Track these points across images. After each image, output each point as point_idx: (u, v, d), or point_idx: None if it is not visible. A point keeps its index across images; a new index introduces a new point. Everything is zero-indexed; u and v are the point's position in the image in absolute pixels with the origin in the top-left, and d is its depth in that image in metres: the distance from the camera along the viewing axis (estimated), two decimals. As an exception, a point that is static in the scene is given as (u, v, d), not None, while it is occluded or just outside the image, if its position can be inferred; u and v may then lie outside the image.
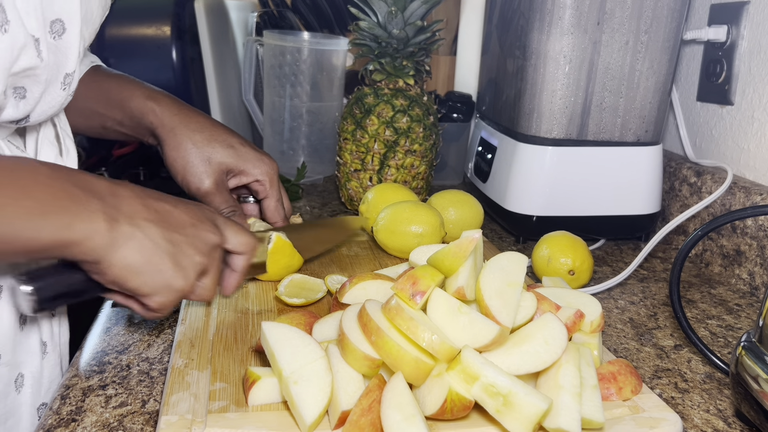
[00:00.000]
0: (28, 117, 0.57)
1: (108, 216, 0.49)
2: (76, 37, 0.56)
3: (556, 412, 0.46)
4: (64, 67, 0.57)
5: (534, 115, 0.92)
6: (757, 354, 0.51)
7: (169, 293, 0.53)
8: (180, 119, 0.72)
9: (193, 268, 0.54)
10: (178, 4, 1.13)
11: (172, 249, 0.52)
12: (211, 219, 0.58)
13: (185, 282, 0.54)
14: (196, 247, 0.54)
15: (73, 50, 0.57)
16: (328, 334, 0.55)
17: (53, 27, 0.54)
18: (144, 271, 0.51)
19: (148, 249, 0.51)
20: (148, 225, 0.51)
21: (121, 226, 0.50)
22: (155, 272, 0.52)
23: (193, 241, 0.54)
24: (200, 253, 0.55)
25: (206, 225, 0.56)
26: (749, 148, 0.91)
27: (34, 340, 0.61)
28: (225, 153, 0.73)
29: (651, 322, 0.73)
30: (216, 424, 0.47)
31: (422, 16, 0.93)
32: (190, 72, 1.14)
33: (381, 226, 0.80)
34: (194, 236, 0.55)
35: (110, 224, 0.49)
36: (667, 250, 0.97)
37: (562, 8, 0.87)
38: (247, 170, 0.75)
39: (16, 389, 0.61)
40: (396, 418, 0.45)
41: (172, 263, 0.52)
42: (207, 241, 0.56)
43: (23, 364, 0.61)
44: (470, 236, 0.53)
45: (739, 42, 0.92)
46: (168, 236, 0.52)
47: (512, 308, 0.51)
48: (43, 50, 0.53)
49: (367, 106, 0.96)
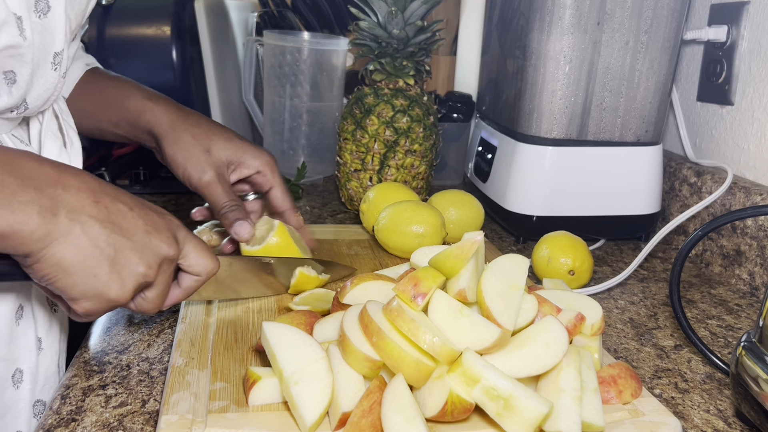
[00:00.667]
0: (25, 103, 0.56)
1: (43, 208, 0.45)
2: (62, 15, 0.55)
3: (557, 415, 0.46)
4: (51, 47, 0.55)
5: (534, 115, 0.92)
6: (757, 354, 0.51)
7: (100, 302, 0.49)
8: (178, 116, 0.72)
9: (133, 278, 0.49)
10: (178, 4, 1.13)
11: (112, 253, 0.48)
12: (172, 230, 0.53)
13: (120, 293, 0.49)
14: (142, 256, 0.49)
15: (59, 28, 0.55)
16: (328, 335, 0.55)
17: (38, 6, 0.53)
18: (75, 273, 0.47)
19: (84, 249, 0.46)
20: (92, 223, 0.47)
21: (59, 220, 0.45)
22: (88, 276, 0.47)
23: (140, 249, 0.49)
24: (145, 264, 0.50)
25: (162, 235, 0.51)
26: (749, 148, 0.91)
27: (30, 335, 0.61)
28: (224, 145, 0.72)
29: (651, 322, 0.74)
30: (216, 424, 0.47)
31: (422, 16, 0.93)
32: (190, 72, 1.14)
33: (382, 226, 0.80)
34: (144, 244, 0.50)
35: (45, 217, 0.45)
36: (667, 250, 0.98)
37: (562, 8, 0.87)
38: (246, 161, 0.73)
39: (14, 385, 0.60)
40: (396, 419, 0.45)
41: (109, 269, 0.48)
42: (157, 252, 0.50)
43: (20, 360, 0.60)
44: (472, 238, 0.53)
45: (739, 42, 0.92)
46: (112, 239, 0.48)
47: (513, 311, 0.51)
48: (27, 29, 0.51)
49: (367, 106, 0.96)
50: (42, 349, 0.63)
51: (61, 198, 0.46)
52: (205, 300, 0.66)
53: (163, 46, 1.09)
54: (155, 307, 0.53)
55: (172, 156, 0.71)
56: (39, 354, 0.62)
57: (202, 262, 0.55)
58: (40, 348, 0.63)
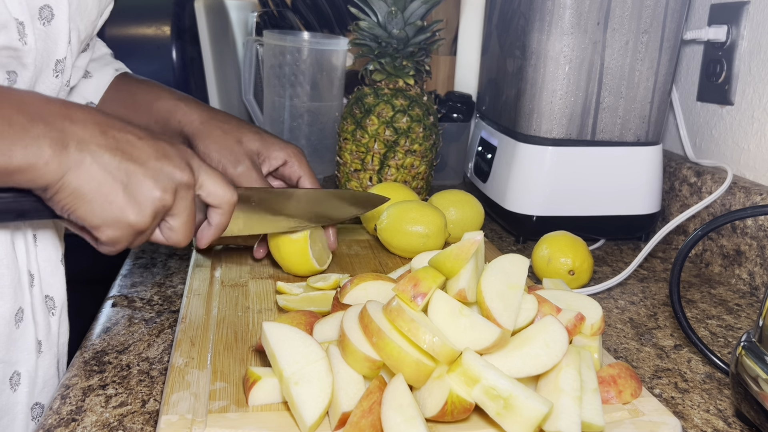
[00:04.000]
0: None
1: (54, 141, 0.47)
2: (65, 23, 0.56)
3: (557, 415, 0.46)
4: (54, 54, 0.57)
5: (534, 115, 0.92)
6: (757, 354, 0.51)
7: (121, 227, 0.50)
8: (208, 114, 0.74)
9: (150, 203, 0.50)
10: (178, 4, 1.13)
11: (125, 179, 0.49)
12: (185, 158, 0.54)
13: (139, 217, 0.50)
14: (156, 181, 0.50)
15: (62, 37, 0.56)
16: (328, 335, 0.55)
17: (42, 13, 0.54)
18: (92, 200, 0.48)
19: (97, 176, 0.48)
20: (101, 152, 0.48)
21: (69, 152, 0.47)
22: (105, 203, 0.49)
23: (154, 174, 0.50)
24: (160, 188, 0.51)
25: (175, 161, 0.52)
26: (749, 148, 0.91)
27: (30, 338, 0.61)
28: (253, 137, 0.74)
29: (651, 322, 0.74)
30: (216, 424, 0.47)
31: (422, 16, 0.93)
32: (190, 72, 1.14)
33: (385, 225, 0.80)
34: (157, 170, 0.51)
35: (57, 150, 0.46)
36: (667, 250, 0.98)
37: (562, 8, 0.87)
38: (274, 153, 0.74)
39: (11, 387, 0.60)
40: (396, 419, 0.45)
41: (124, 194, 0.49)
42: (171, 177, 0.51)
43: (19, 363, 0.61)
44: (472, 238, 0.53)
45: (739, 42, 0.92)
46: (123, 166, 0.49)
47: (513, 311, 0.51)
48: (29, 34, 0.53)
49: (367, 106, 0.96)
50: (42, 352, 0.63)
51: (70, 130, 0.48)
52: (239, 236, 0.67)
53: (163, 46, 1.09)
54: (184, 237, 0.54)
55: (205, 151, 0.72)
56: (38, 357, 0.62)
57: (219, 191, 0.56)
58: (40, 351, 0.62)
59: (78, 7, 0.58)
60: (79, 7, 0.59)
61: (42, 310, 0.62)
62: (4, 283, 0.58)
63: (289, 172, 0.76)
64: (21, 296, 0.60)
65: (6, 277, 0.58)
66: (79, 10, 0.59)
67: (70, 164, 0.47)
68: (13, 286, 0.58)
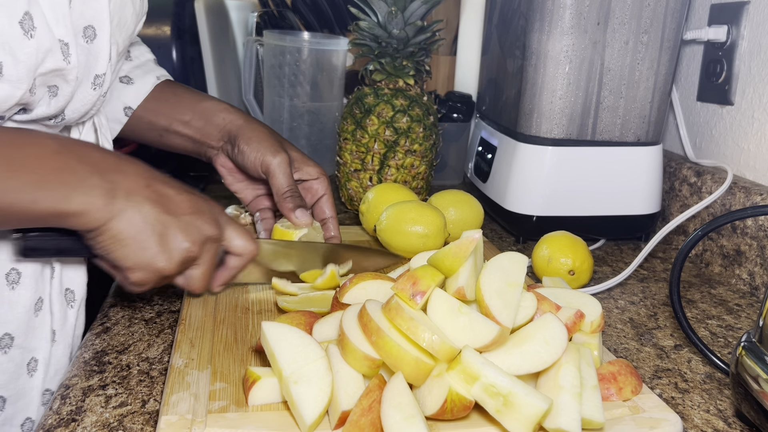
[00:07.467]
0: (63, 114, 0.60)
1: (106, 191, 0.52)
2: (106, 42, 0.60)
3: (557, 412, 0.46)
4: (94, 69, 0.61)
5: (534, 115, 0.92)
6: (757, 354, 0.51)
7: (150, 271, 0.55)
8: (250, 119, 0.78)
9: (178, 253, 0.56)
10: (178, 4, 1.13)
11: (161, 229, 0.55)
12: (214, 214, 0.60)
13: (167, 264, 0.55)
14: (187, 234, 0.56)
15: (103, 53, 0.60)
16: (328, 334, 0.55)
17: (86, 32, 0.58)
18: (129, 245, 0.54)
19: (137, 224, 0.54)
20: (144, 203, 0.54)
21: (117, 201, 0.53)
22: (139, 248, 0.54)
23: (186, 228, 0.56)
24: (190, 240, 0.56)
25: (205, 217, 0.58)
26: (749, 148, 0.91)
27: (46, 327, 0.63)
28: (292, 148, 0.80)
29: (651, 322, 0.73)
30: (216, 424, 0.47)
31: (422, 16, 0.93)
32: (190, 72, 1.14)
33: (385, 226, 0.80)
34: (189, 223, 0.56)
35: (107, 199, 0.52)
36: (667, 250, 0.97)
37: (562, 8, 0.87)
38: (307, 168, 0.79)
39: (29, 372, 0.63)
40: (396, 418, 0.45)
41: (158, 243, 0.55)
42: (201, 231, 0.57)
43: (36, 350, 0.63)
44: (470, 236, 0.53)
45: (739, 42, 0.92)
46: (161, 217, 0.55)
47: (512, 308, 0.51)
48: (73, 54, 0.56)
49: (367, 106, 0.96)
50: (56, 341, 0.65)
51: (120, 182, 0.54)
52: (247, 283, 0.71)
53: (163, 46, 1.09)
54: (202, 285, 0.60)
55: (245, 148, 0.75)
56: (53, 345, 0.64)
57: (244, 244, 0.62)
58: (54, 340, 0.65)
59: (119, 24, 0.62)
60: (120, 23, 0.62)
61: (59, 301, 0.65)
62: (27, 273, 0.60)
63: (317, 187, 0.81)
64: (42, 287, 0.62)
65: (29, 268, 0.61)
66: (119, 26, 0.62)
67: (115, 212, 0.53)
68: (35, 277, 0.61)
